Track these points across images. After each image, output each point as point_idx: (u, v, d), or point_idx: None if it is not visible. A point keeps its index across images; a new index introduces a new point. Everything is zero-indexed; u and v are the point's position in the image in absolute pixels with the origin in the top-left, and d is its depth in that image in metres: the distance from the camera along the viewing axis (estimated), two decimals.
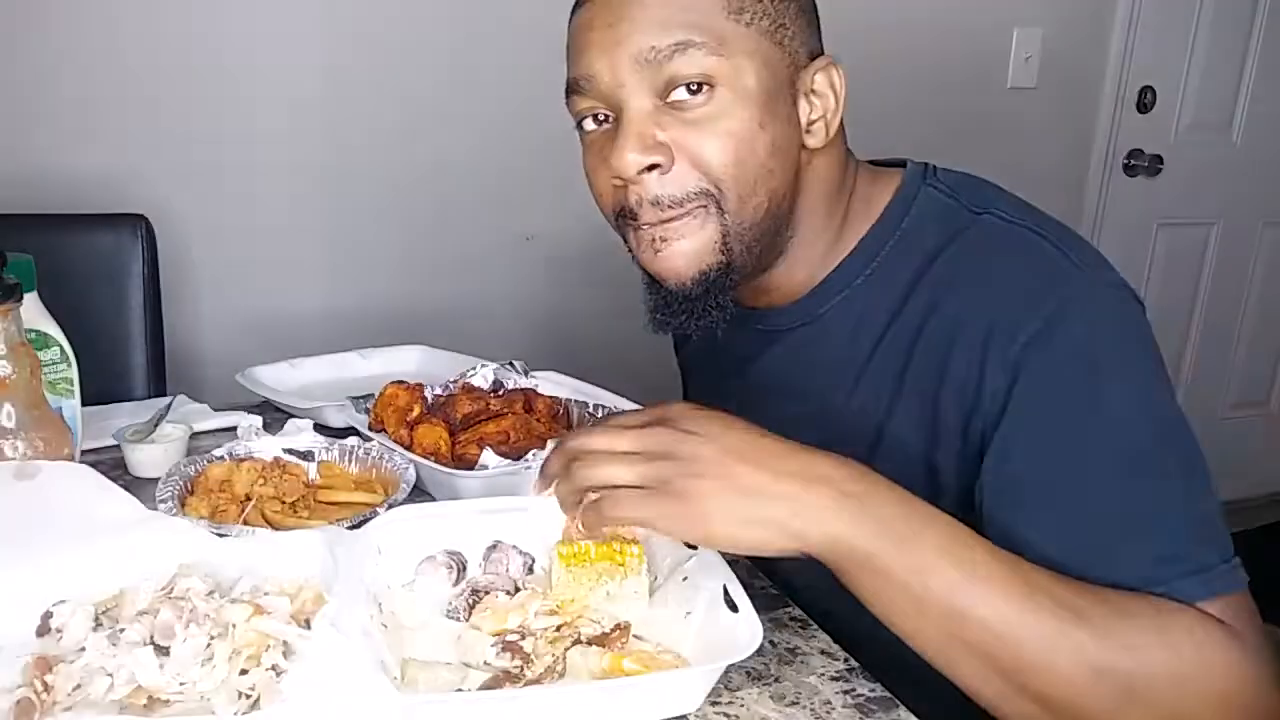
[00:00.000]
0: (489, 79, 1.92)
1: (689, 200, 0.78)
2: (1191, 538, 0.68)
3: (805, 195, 0.83)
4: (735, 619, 0.69)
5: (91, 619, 0.67)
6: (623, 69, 0.76)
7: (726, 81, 0.76)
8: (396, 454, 0.97)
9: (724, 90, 0.76)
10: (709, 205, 0.78)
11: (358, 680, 0.59)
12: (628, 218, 0.81)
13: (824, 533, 0.64)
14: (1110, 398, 0.71)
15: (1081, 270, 0.75)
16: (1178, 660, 0.63)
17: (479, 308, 2.01)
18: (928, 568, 0.63)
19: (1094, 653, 0.62)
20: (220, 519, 0.87)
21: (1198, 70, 2.53)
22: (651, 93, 0.77)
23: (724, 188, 0.78)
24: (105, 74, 1.68)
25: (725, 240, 0.79)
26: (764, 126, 0.77)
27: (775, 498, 0.64)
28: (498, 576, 0.79)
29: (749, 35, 0.76)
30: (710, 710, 0.67)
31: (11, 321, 0.86)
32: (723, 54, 0.75)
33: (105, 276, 1.48)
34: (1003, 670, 0.64)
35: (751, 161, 0.77)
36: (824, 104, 0.81)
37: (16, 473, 0.84)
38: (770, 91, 0.77)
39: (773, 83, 0.78)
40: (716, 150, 0.77)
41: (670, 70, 0.75)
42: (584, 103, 0.81)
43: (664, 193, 0.78)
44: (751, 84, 0.76)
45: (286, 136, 1.82)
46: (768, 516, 0.64)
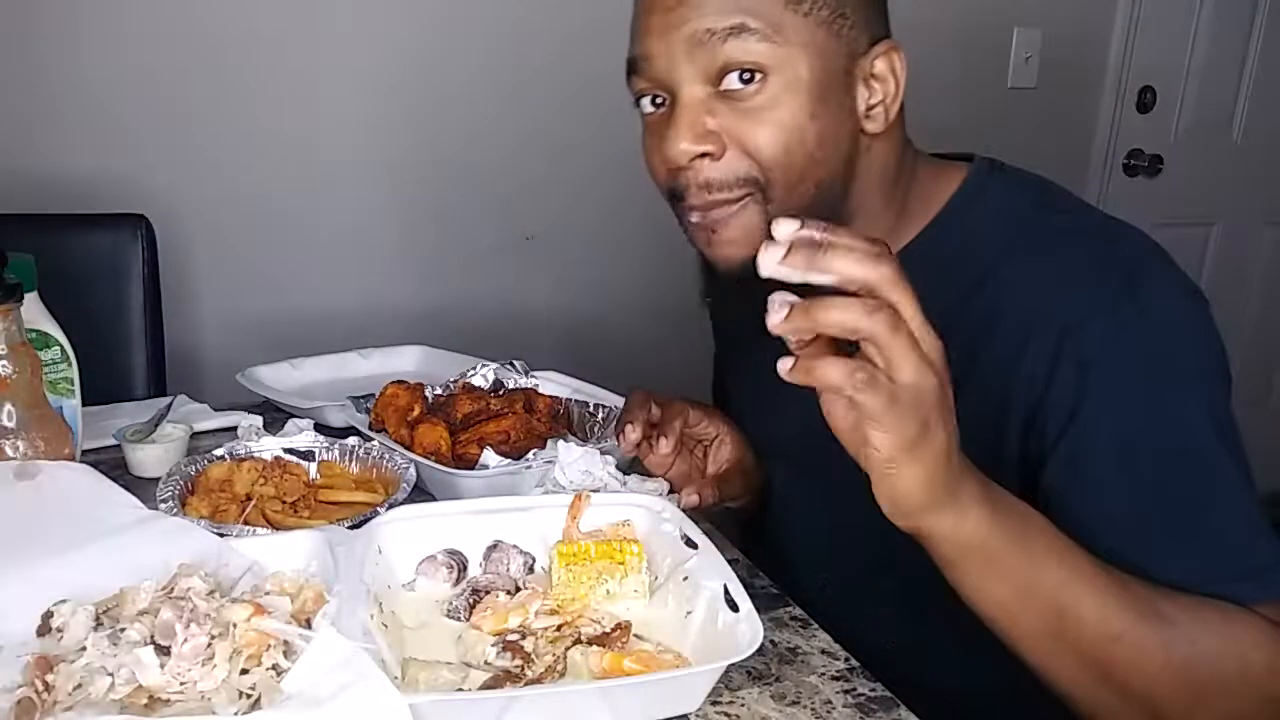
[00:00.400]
0: (489, 79, 1.92)
1: (737, 186, 0.79)
2: (1248, 540, 0.71)
3: (862, 179, 0.83)
4: (736, 618, 0.68)
5: (92, 619, 0.67)
6: (678, 52, 0.77)
7: (779, 70, 0.76)
8: (397, 454, 0.97)
9: (776, 79, 0.76)
10: (755, 193, 0.79)
11: (358, 680, 0.59)
12: (678, 199, 0.82)
13: (954, 522, 0.64)
14: (1177, 399, 0.73)
15: (1151, 270, 0.77)
16: (1244, 664, 0.67)
17: (479, 308, 2.01)
18: (1036, 564, 0.66)
19: (1178, 654, 0.66)
20: (221, 519, 0.87)
21: (1198, 70, 2.53)
22: (704, 79, 0.77)
23: (771, 176, 0.78)
24: (105, 74, 1.68)
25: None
26: (815, 117, 0.78)
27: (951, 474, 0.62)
28: (498, 576, 0.79)
29: (805, 25, 0.76)
30: (711, 710, 0.67)
31: (12, 321, 0.86)
32: (777, 42, 0.76)
33: (105, 276, 1.48)
34: (1094, 664, 0.67)
35: (800, 151, 0.78)
36: (884, 88, 0.81)
37: (17, 472, 0.84)
38: (823, 81, 0.78)
39: (826, 72, 0.78)
40: (766, 139, 0.77)
41: (724, 55, 0.76)
42: (641, 83, 0.82)
43: (713, 177, 0.79)
44: (804, 74, 0.77)
45: (286, 136, 1.82)
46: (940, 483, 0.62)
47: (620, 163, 2.02)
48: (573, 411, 1.12)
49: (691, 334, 2.06)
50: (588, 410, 1.10)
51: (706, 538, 0.78)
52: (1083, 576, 0.66)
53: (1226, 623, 0.68)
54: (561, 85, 1.96)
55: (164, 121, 1.73)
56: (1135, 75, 2.46)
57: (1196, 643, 0.67)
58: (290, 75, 1.80)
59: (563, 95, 1.97)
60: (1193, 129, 2.57)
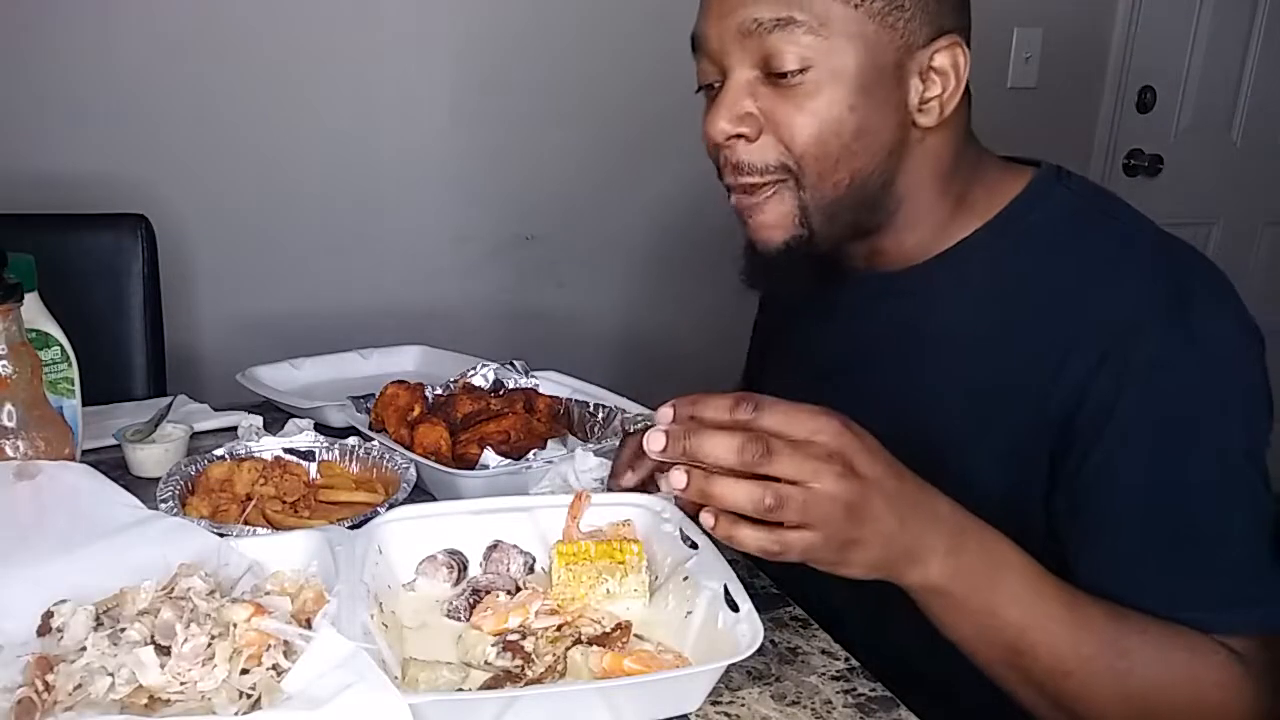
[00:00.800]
0: (489, 79, 1.92)
1: (767, 171, 0.81)
2: (1251, 575, 0.73)
3: (911, 172, 0.84)
4: (736, 618, 0.68)
5: (92, 618, 0.67)
6: (728, 37, 0.80)
7: (822, 62, 0.78)
8: (397, 454, 0.97)
9: (818, 70, 0.78)
10: (787, 179, 0.81)
11: (358, 680, 0.59)
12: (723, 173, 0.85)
13: (919, 574, 0.68)
14: (1212, 431, 0.74)
15: (1205, 296, 0.77)
16: (1198, 696, 0.71)
17: (479, 308, 2.01)
18: (996, 608, 0.70)
19: (1132, 686, 0.70)
20: (221, 519, 0.87)
21: (1198, 70, 2.53)
22: (752, 64, 0.80)
23: (804, 164, 0.80)
24: (106, 74, 1.68)
25: (804, 214, 0.82)
26: (854, 109, 0.79)
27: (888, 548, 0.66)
28: (498, 576, 0.79)
29: (855, 17, 0.77)
30: (711, 710, 0.67)
31: (12, 321, 0.86)
32: (823, 35, 0.77)
33: (105, 276, 1.48)
34: (1048, 694, 0.72)
35: (835, 142, 0.79)
36: (943, 82, 0.81)
37: (18, 472, 0.84)
38: (869, 74, 0.78)
39: (874, 65, 0.78)
40: (801, 128, 0.79)
41: (770, 45, 0.78)
42: (699, 60, 0.84)
43: (745, 159, 0.82)
44: (848, 66, 0.78)
45: (286, 137, 1.82)
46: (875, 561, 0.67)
47: (621, 163, 2.03)
48: (573, 411, 1.12)
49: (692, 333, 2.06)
50: (588, 410, 1.10)
51: (707, 538, 0.78)
52: (1040, 618, 0.70)
53: (1190, 655, 0.71)
54: (562, 85, 1.96)
55: (164, 121, 1.73)
56: (1135, 75, 2.46)
57: (1151, 677, 0.71)
58: (290, 76, 1.80)
59: (563, 95, 1.97)
60: (1193, 129, 2.57)
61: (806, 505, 0.62)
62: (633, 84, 1.98)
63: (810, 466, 0.62)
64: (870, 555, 0.66)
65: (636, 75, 1.96)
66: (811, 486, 0.62)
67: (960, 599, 0.69)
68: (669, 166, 2.00)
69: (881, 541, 0.65)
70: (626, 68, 1.97)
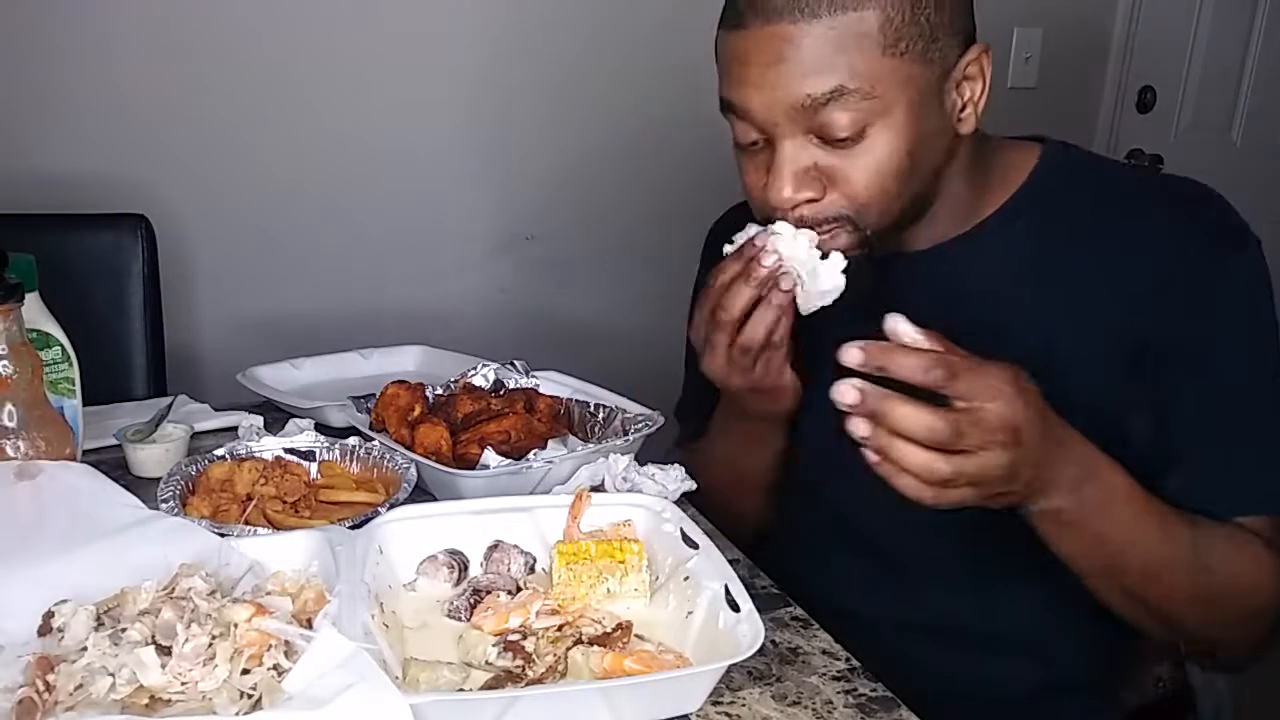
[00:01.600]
0: (489, 80, 1.92)
1: (830, 222, 0.83)
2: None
3: (949, 173, 0.86)
4: (737, 619, 0.69)
5: (93, 618, 0.67)
6: (778, 113, 0.79)
7: (879, 121, 0.79)
8: (398, 454, 0.97)
9: (876, 129, 0.79)
10: (847, 225, 0.83)
11: (359, 680, 0.59)
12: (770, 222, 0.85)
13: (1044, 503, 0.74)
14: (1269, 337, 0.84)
15: (1229, 210, 0.86)
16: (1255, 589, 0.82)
17: (479, 308, 2.01)
18: (1105, 534, 0.77)
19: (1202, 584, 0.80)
20: (222, 519, 0.87)
21: (1198, 70, 2.53)
22: (805, 131, 0.80)
23: (867, 210, 0.82)
24: (106, 74, 1.68)
25: (865, 241, 0.84)
26: (912, 152, 0.80)
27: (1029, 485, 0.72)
28: (499, 576, 0.79)
29: (901, 66, 0.78)
30: (712, 710, 0.67)
31: (13, 321, 0.86)
32: (876, 95, 0.77)
33: (105, 276, 1.47)
34: (1138, 597, 0.81)
35: (896, 184, 0.81)
36: (972, 88, 0.83)
37: (18, 472, 0.84)
38: (920, 111, 0.80)
39: (922, 102, 0.80)
40: (865, 184, 0.81)
41: (824, 115, 0.78)
42: (739, 124, 0.84)
43: (808, 214, 0.82)
44: (903, 117, 0.79)
45: (287, 137, 1.82)
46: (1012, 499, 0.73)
47: (621, 163, 2.03)
48: (573, 411, 1.11)
49: None
50: (588, 410, 1.10)
51: (707, 538, 0.78)
52: (1139, 537, 0.78)
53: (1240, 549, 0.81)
54: (562, 85, 1.96)
55: (164, 121, 1.73)
56: (1135, 75, 2.46)
57: (1220, 575, 0.80)
58: (290, 76, 1.80)
59: (563, 95, 1.97)
60: (1193, 129, 2.57)
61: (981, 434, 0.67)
62: (633, 84, 1.97)
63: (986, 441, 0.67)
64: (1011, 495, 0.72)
65: (637, 75, 1.96)
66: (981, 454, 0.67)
67: (1075, 525, 0.76)
68: (669, 166, 2.00)
69: (1025, 480, 0.71)
70: (627, 68, 1.97)
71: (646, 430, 1.03)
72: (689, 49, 1.95)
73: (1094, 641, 0.94)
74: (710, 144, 1.92)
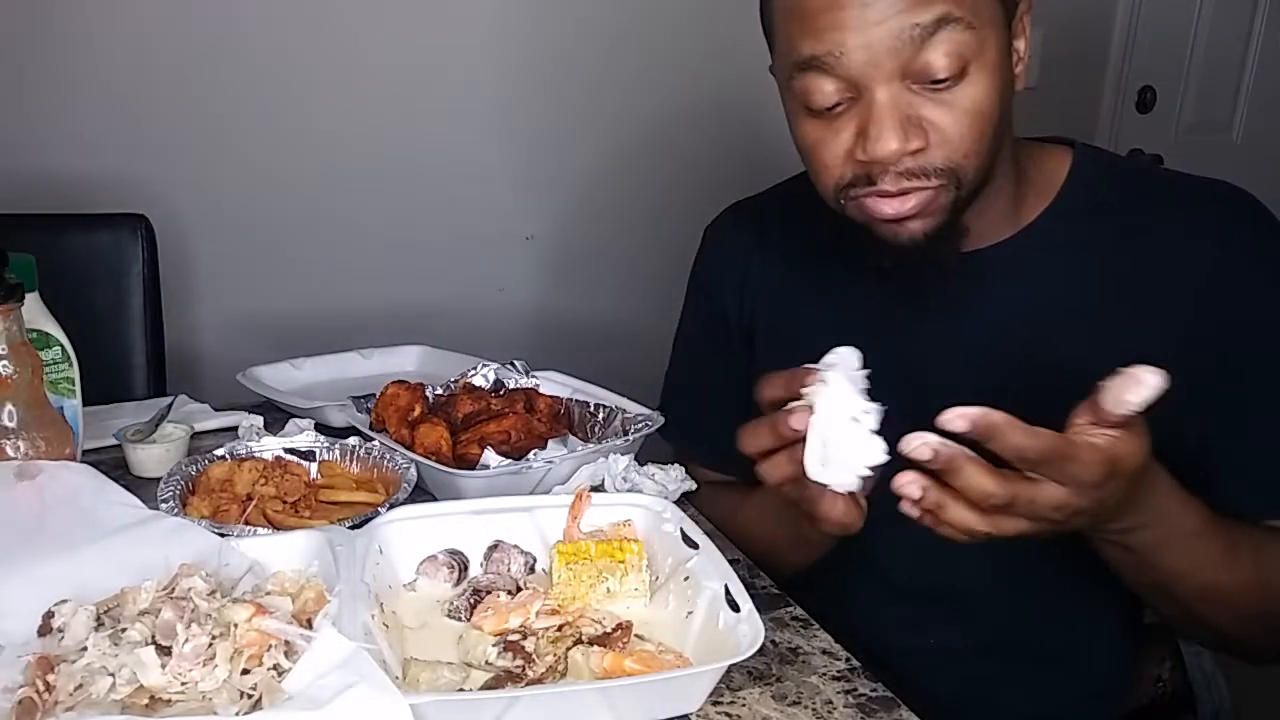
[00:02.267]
0: (489, 78, 1.93)
1: (935, 175, 0.78)
2: None
3: (1007, 141, 0.84)
4: (737, 618, 0.69)
5: (93, 619, 0.67)
6: (880, 48, 0.73)
7: (977, 58, 0.75)
8: (398, 454, 0.97)
9: (975, 68, 0.75)
10: (947, 178, 0.78)
11: (359, 680, 0.59)
12: (864, 186, 0.79)
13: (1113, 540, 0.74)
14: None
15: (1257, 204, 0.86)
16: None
17: (479, 308, 2.01)
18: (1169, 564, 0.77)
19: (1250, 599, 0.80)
20: (222, 519, 0.87)
21: (1198, 70, 2.53)
22: (904, 75, 0.75)
23: (968, 163, 0.78)
24: (106, 74, 1.68)
25: (957, 203, 0.80)
26: (1003, 96, 0.78)
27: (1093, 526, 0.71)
28: (499, 576, 0.79)
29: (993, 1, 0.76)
30: (712, 710, 0.67)
31: (13, 321, 0.86)
32: (977, 26, 0.74)
33: (105, 276, 1.47)
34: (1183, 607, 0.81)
35: (992, 132, 0.78)
36: (1024, 43, 0.81)
37: (18, 472, 0.84)
38: (1003, 54, 0.77)
39: (1004, 45, 0.77)
40: (966, 130, 0.77)
41: (930, 51, 0.73)
42: (824, 82, 0.77)
43: (913, 167, 0.77)
44: (995, 56, 0.76)
45: (286, 136, 1.82)
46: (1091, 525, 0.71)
47: (621, 163, 2.03)
48: (573, 411, 1.12)
49: None
50: (588, 410, 1.10)
51: (707, 538, 0.78)
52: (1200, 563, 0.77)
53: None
54: (562, 86, 1.96)
55: (164, 122, 1.73)
56: (1135, 75, 2.46)
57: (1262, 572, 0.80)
58: (290, 75, 1.80)
59: (563, 95, 1.97)
60: (1193, 129, 2.57)
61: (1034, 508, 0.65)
62: (634, 84, 1.98)
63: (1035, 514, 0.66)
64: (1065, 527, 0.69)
65: (637, 76, 1.97)
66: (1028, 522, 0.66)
67: (1139, 559, 0.76)
68: (670, 166, 2.00)
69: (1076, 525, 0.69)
70: (627, 68, 1.97)
71: (646, 430, 1.03)
72: (690, 49, 1.96)
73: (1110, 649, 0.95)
74: (711, 144, 1.92)
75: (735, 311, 1.05)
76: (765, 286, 1.03)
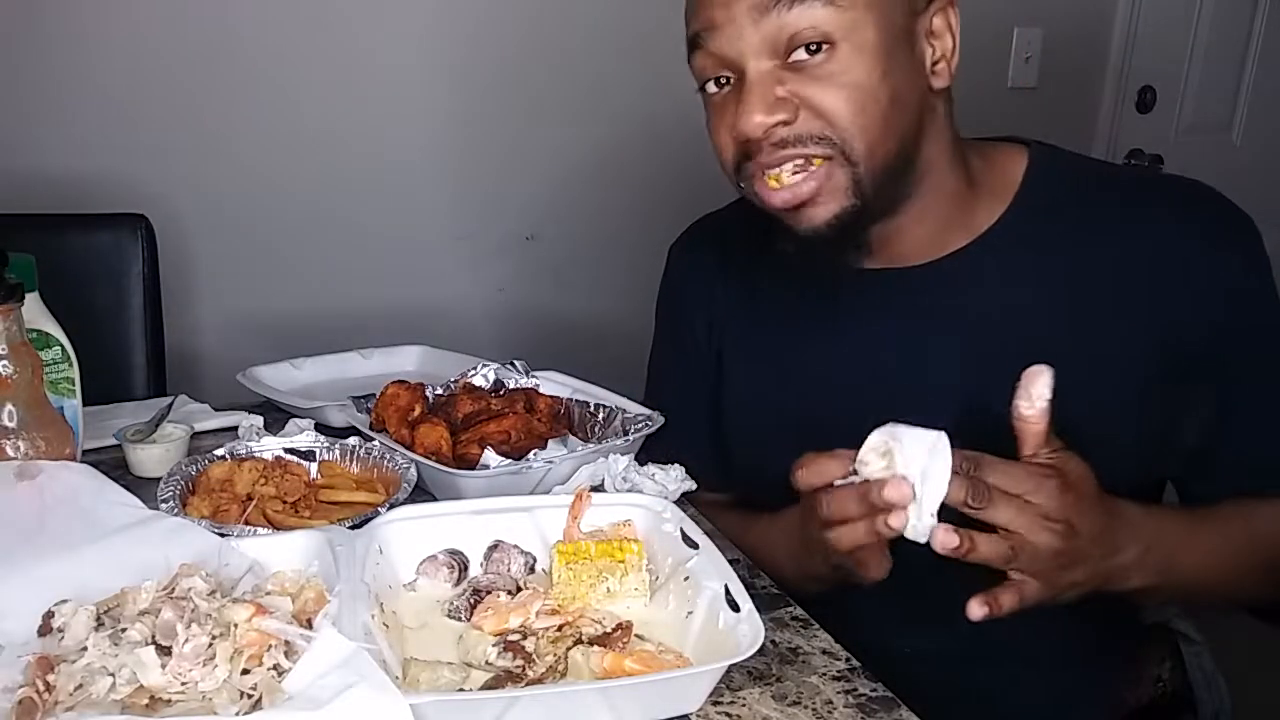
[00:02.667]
0: (489, 79, 1.92)
1: (811, 142, 0.79)
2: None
3: (931, 139, 0.84)
4: (737, 619, 0.69)
5: (93, 619, 0.67)
6: (744, 22, 0.78)
7: (845, 36, 0.77)
8: (398, 454, 0.97)
9: (844, 46, 0.77)
10: (834, 156, 0.79)
11: (359, 680, 0.59)
12: (749, 161, 0.82)
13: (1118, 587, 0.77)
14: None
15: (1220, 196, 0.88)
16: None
17: (479, 308, 2.01)
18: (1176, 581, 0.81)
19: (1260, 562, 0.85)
20: (222, 519, 0.87)
21: (1198, 70, 2.53)
22: (771, 52, 0.78)
23: (848, 138, 0.79)
24: (106, 74, 1.68)
25: (858, 185, 0.81)
26: (886, 75, 0.78)
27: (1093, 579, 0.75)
28: (499, 576, 0.79)
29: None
30: (712, 710, 0.67)
31: (13, 321, 0.86)
32: (842, 6, 0.76)
33: (105, 276, 1.47)
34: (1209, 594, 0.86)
35: (875, 111, 0.78)
36: (942, 45, 0.82)
37: (18, 472, 0.84)
38: (889, 40, 0.78)
39: (891, 32, 0.78)
40: (839, 103, 0.78)
41: (790, 25, 0.76)
42: (704, 60, 0.82)
43: (787, 135, 0.79)
44: (871, 36, 0.77)
45: (286, 136, 1.82)
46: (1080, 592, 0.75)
47: (622, 163, 2.03)
48: (573, 411, 1.12)
49: None
50: (588, 410, 1.10)
51: (707, 538, 0.78)
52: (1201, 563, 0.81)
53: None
54: (562, 85, 1.96)
55: (164, 122, 1.73)
56: (1135, 75, 2.46)
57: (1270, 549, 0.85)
58: (290, 75, 1.80)
59: (564, 95, 1.97)
60: (1193, 129, 2.57)
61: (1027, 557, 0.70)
62: (634, 84, 1.97)
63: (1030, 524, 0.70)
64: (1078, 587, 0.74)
65: (637, 75, 1.96)
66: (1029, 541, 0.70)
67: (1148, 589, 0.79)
68: (669, 166, 2.00)
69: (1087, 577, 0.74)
70: (627, 68, 1.97)
71: (646, 430, 1.03)
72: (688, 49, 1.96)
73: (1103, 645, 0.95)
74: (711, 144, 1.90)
75: (704, 329, 1.06)
76: (732, 304, 1.03)
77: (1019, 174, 0.89)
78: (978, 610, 0.71)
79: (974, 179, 0.89)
